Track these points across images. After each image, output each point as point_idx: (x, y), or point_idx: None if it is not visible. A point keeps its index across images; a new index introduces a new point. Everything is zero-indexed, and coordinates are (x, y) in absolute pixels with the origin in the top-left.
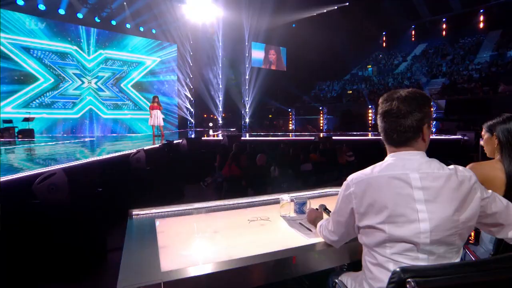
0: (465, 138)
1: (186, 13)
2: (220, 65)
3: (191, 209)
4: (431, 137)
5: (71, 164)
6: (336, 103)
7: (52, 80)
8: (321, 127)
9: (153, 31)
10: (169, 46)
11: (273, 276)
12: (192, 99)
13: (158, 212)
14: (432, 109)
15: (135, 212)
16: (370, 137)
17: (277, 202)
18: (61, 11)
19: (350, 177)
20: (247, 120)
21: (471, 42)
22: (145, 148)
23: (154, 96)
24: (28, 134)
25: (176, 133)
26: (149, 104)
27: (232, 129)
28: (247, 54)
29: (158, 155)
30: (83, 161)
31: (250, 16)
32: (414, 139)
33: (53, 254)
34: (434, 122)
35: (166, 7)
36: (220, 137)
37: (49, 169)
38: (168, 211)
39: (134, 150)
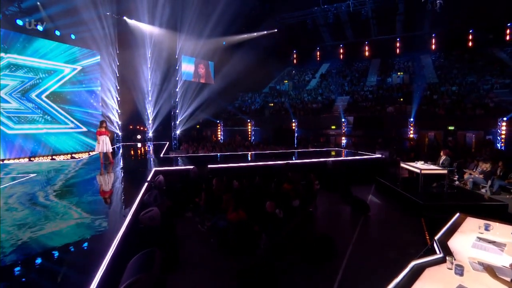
0: (383, 156)
1: (112, 21)
2: (150, 77)
3: None
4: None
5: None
6: (261, 115)
7: None
8: (250, 138)
9: (72, 36)
10: (93, 55)
11: None
12: (118, 111)
13: None
14: None
15: None
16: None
17: None
18: None
19: None
20: (177, 132)
21: (362, 66)
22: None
23: (102, 121)
24: None
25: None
26: (69, 116)
27: (164, 142)
28: (177, 67)
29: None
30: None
31: (185, 31)
32: None
33: None
34: (346, 138)
35: (90, 13)
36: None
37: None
38: None
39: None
